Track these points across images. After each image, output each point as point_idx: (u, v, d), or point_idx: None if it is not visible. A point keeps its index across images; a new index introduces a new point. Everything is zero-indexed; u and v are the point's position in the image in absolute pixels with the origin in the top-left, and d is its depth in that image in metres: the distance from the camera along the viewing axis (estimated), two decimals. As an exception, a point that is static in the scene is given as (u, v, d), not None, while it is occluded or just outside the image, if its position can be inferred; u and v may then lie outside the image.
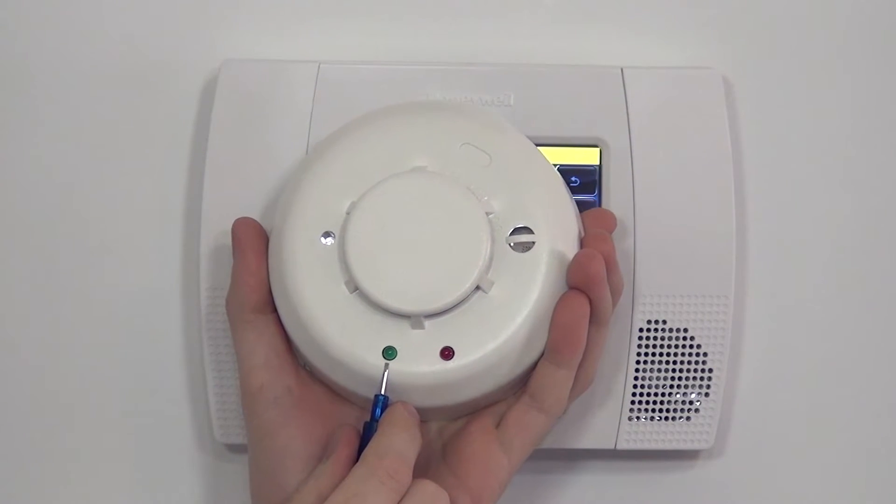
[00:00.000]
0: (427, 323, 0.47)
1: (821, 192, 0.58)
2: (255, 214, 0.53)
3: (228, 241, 0.54)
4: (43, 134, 0.58)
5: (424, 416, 0.49)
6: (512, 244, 0.47)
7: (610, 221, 0.51)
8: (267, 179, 0.54)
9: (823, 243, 0.58)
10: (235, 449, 0.58)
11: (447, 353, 0.47)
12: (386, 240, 0.47)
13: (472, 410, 0.50)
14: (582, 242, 0.49)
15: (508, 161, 0.48)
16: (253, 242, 0.50)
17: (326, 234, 0.48)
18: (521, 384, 0.49)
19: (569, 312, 0.47)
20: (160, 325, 0.58)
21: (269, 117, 0.55)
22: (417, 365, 0.47)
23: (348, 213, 0.48)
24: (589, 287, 0.46)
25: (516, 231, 0.48)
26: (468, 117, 0.50)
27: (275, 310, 0.50)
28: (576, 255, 0.47)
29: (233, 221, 0.50)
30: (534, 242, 0.47)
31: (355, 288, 0.47)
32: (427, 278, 0.47)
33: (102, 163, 0.58)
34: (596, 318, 0.48)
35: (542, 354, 0.48)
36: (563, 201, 0.49)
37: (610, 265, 0.48)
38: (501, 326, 0.47)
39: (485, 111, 0.51)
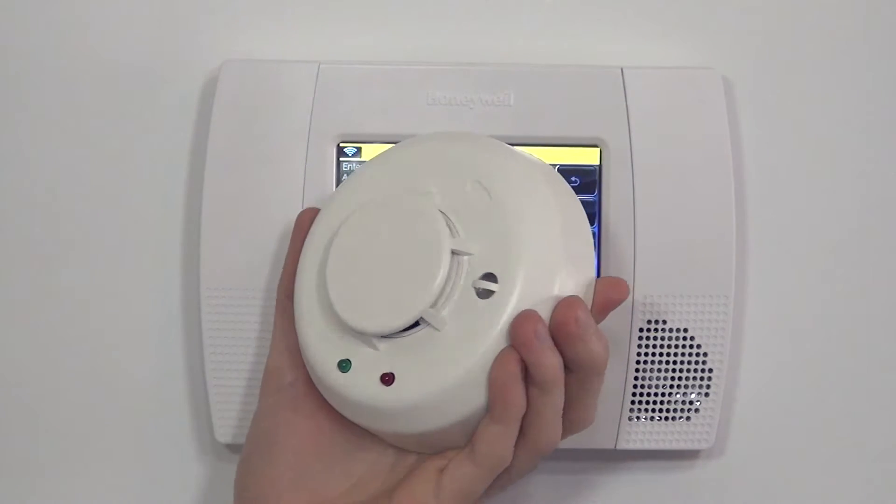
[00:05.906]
0: (381, 345, 0.47)
1: (821, 191, 0.58)
2: (254, 214, 0.53)
3: (228, 240, 0.54)
4: (43, 134, 0.58)
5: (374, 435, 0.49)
6: (477, 288, 0.46)
7: (619, 290, 0.47)
8: (267, 180, 0.54)
9: (823, 243, 0.58)
10: (235, 449, 0.58)
11: (387, 379, 0.46)
12: (362, 258, 0.47)
13: (420, 447, 0.48)
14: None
15: (507, 207, 0.46)
16: (305, 233, 0.51)
17: None
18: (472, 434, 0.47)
19: (499, 368, 0.44)
20: (160, 325, 0.58)
21: (269, 117, 0.55)
22: (357, 382, 0.47)
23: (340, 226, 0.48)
24: (520, 348, 0.44)
25: (485, 276, 0.46)
26: (487, 154, 0.48)
27: None
28: (518, 313, 0.45)
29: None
30: (493, 292, 0.45)
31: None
32: (383, 302, 0.46)
33: (103, 163, 0.58)
34: (534, 382, 0.45)
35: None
36: (555, 258, 0.46)
37: (573, 334, 0.44)
38: (444, 367, 0.45)
39: (513, 150, 0.49)
